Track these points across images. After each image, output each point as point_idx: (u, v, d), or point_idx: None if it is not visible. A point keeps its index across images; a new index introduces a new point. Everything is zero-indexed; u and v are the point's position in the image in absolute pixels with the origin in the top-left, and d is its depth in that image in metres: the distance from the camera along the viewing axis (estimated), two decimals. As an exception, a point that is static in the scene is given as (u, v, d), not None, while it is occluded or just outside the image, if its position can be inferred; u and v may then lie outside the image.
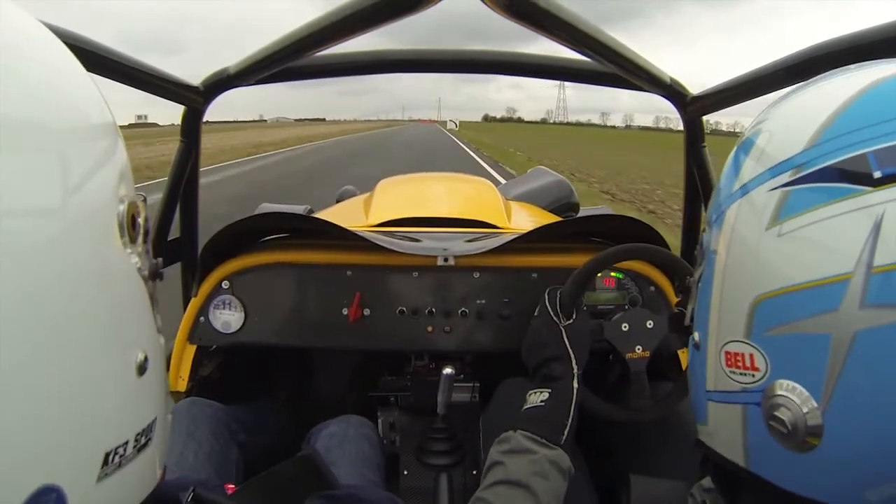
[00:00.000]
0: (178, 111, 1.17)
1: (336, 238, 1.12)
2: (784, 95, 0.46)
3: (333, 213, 1.69)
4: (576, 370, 0.83)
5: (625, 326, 0.93)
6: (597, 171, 12.36)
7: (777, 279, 0.38)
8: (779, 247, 0.38)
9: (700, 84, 1.10)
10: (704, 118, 1.17)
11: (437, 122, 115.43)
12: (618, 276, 1.11)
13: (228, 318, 1.09)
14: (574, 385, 0.82)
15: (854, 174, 0.36)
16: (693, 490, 0.54)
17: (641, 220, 1.06)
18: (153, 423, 0.40)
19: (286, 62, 0.98)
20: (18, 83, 0.31)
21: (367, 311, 1.10)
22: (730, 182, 0.44)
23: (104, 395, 0.35)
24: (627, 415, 0.91)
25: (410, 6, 0.72)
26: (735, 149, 0.46)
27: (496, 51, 1.25)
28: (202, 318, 1.10)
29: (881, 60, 0.42)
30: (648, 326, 0.93)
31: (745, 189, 0.42)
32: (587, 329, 0.90)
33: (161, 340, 0.43)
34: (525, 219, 1.61)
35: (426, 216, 1.40)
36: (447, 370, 1.04)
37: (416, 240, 1.16)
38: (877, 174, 0.35)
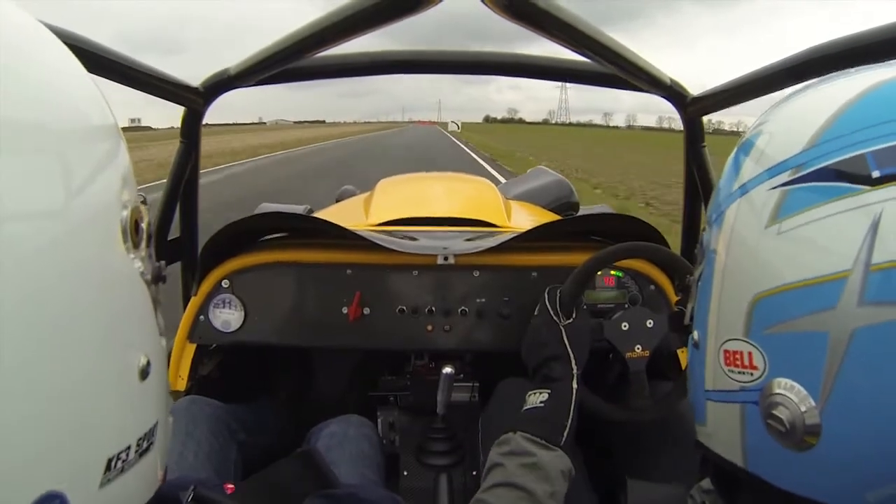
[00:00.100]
0: (174, 115, 1.17)
1: (336, 237, 1.12)
2: (785, 98, 0.46)
3: (333, 213, 1.69)
4: (575, 370, 0.83)
5: (625, 325, 0.93)
6: (651, 190, 9.94)
7: (776, 277, 0.38)
8: (777, 245, 0.38)
9: (700, 84, 1.10)
10: (706, 117, 1.17)
11: (438, 124, 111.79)
12: (618, 275, 1.11)
13: (228, 317, 1.10)
14: (574, 385, 0.81)
15: (853, 174, 0.36)
16: (692, 491, 0.54)
17: (641, 219, 1.06)
18: (155, 427, 0.40)
19: (286, 63, 0.98)
20: (19, 84, 0.31)
21: (367, 310, 1.10)
22: (730, 182, 0.44)
23: (106, 401, 0.35)
24: (627, 415, 0.91)
25: (410, 7, 0.72)
26: (735, 149, 0.46)
27: (496, 52, 1.25)
28: (202, 317, 1.10)
29: (881, 64, 0.42)
30: (648, 326, 0.93)
31: (745, 189, 0.42)
32: (587, 328, 0.90)
33: (163, 343, 0.43)
34: (525, 218, 1.61)
35: (426, 216, 1.40)
36: (447, 370, 1.04)
37: (416, 239, 1.16)
38: (875, 174, 0.35)
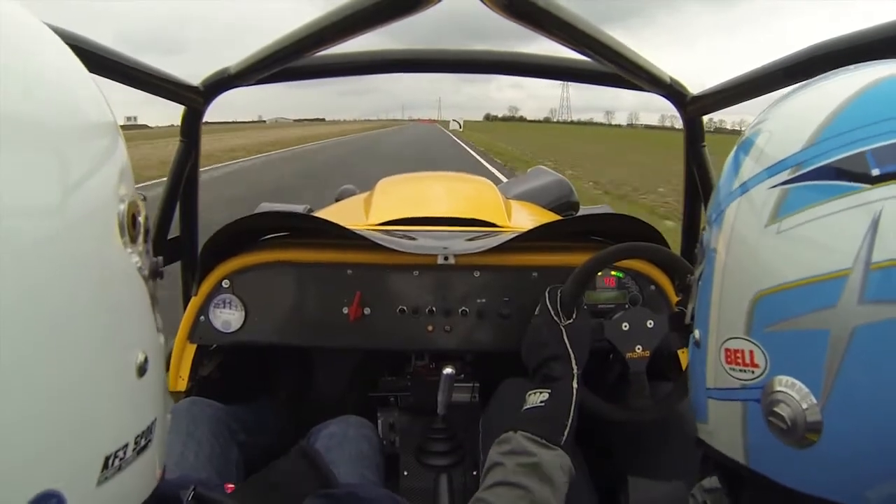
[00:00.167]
0: (171, 112, 1.17)
1: (336, 237, 1.12)
2: (784, 96, 0.46)
3: (333, 212, 1.69)
4: (576, 370, 0.83)
5: (625, 326, 0.93)
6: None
7: (776, 276, 0.38)
8: (778, 244, 0.38)
9: (700, 84, 1.11)
10: (710, 116, 1.17)
11: (438, 122, 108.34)
12: (618, 275, 1.11)
13: (228, 318, 1.09)
14: (574, 385, 0.81)
15: (853, 172, 0.36)
16: (694, 490, 0.54)
17: (641, 219, 1.06)
18: (153, 425, 0.40)
19: (286, 62, 0.98)
20: (18, 80, 0.31)
21: (368, 310, 1.10)
22: (730, 181, 0.44)
23: (104, 398, 0.35)
24: (627, 415, 0.91)
25: (410, 6, 0.71)
26: (735, 148, 0.46)
27: (496, 51, 1.25)
28: (202, 318, 1.10)
29: (880, 61, 0.42)
30: (649, 326, 0.93)
31: (745, 187, 0.42)
32: (587, 328, 0.90)
33: (161, 340, 0.42)
34: (525, 218, 1.61)
35: (426, 215, 1.40)
36: (447, 370, 1.04)
37: (416, 239, 1.16)
38: (875, 172, 0.35)
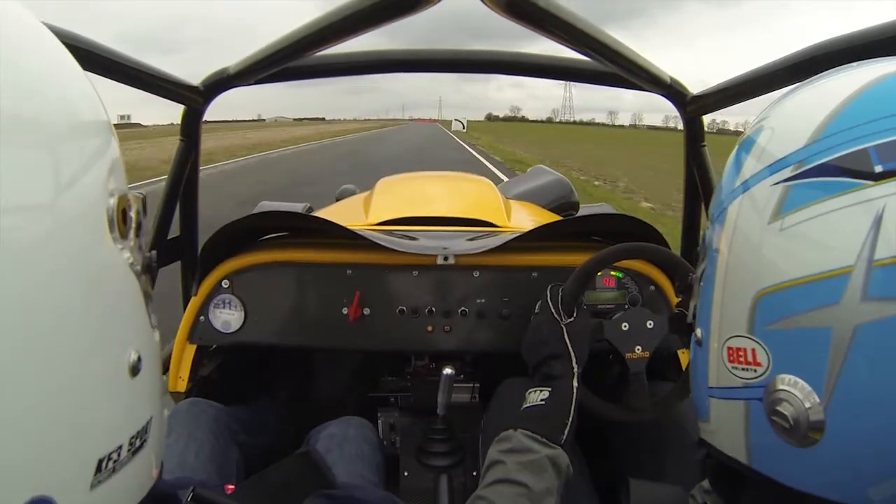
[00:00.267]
0: (166, 111, 1.17)
1: (336, 237, 1.12)
2: (786, 93, 0.46)
3: (333, 212, 1.69)
4: (576, 369, 0.83)
5: (625, 326, 0.93)
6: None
7: (779, 273, 0.38)
8: (780, 241, 0.38)
9: (701, 84, 1.11)
10: (713, 117, 1.17)
11: (439, 122, 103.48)
12: (618, 276, 1.11)
13: (228, 318, 1.09)
14: (574, 384, 0.81)
15: (855, 169, 0.36)
16: (694, 491, 0.54)
17: (641, 220, 1.06)
18: (148, 424, 0.39)
19: (286, 62, 0.98)
20: (11, 78, 0.31)
21: (367, 311, 1.09)
22: (732, 179, 0.44)
23: (96, 400, 0.34)
24: (626, 414, 0.91)
25: (410, 6, 0.71)
26: (737, 146, 0.46)
27: (496, 50, 1.25)
28: (202, 318, 1.09)
29: (882, 58, 0.42)
30: (648, 327, 0.93)
31: (747, 185, 0.42)
32: (588, 328, 0.90)
33: (156, 337, 0.41)
34: (525, 218, 1.61)
35: (426, 215, 1.40)
36: (447, 370, 1.03)
37: (416, 239, 1.16)
38: (878, 168, 0.35)
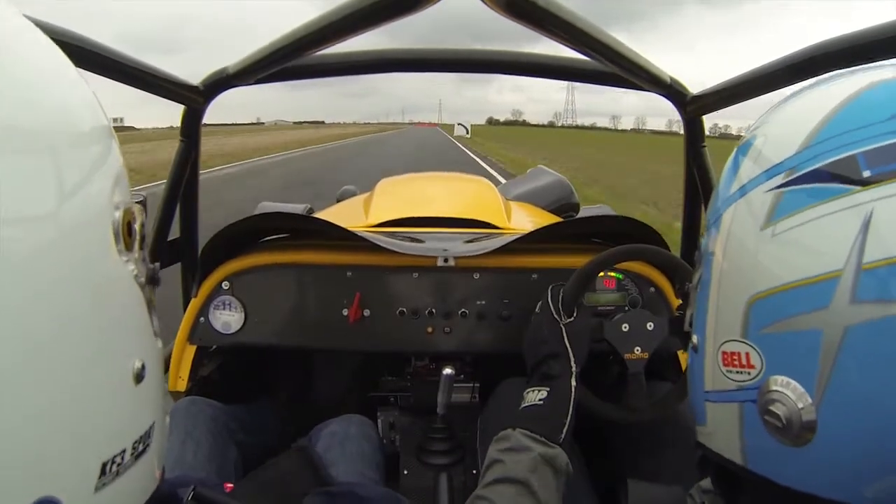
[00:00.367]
0: (160, 114, 1.17)
1: (336, 238, 1.12)
2: (782, 100, 0.47)
3: (333, 213, 1.69)
4: (574, 369, 0.83)
5: (624, 327, 0.93)
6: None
7: (771, 278, 0.39)
8: (772, 247, 0.39)
9: (702, 87, 1.10)
10: (715, 121, 1.17)
11: (440, 126, 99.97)
12: (618, 277, 1.11)
13: (228, 319, 1.09)
14: (572, 384, 0.81)
15: (844, 175, 0.37)
16: (692, 491, 0.54)
17: (641, 221, 1.06)
18: (151, 429, 0.39)
19: (286, 61, 0.98)
20: (9, 87, 0.31)
21: (368, 312, 1.10)
22: (727, 185, 0.45)
23: (101, 406, 0.34)
24: (624, 414, 0.91)
25: (410, 6, 0.71)
26: (733, 154, 0.47)
27: (496, 50, 1.24)
28: (202, 319, 1.10)
29: (877, 64, 0.43)
30: (648, 328, 0.93)
31: (742, 191, 0.43)
32: (587, 328, 0.90)
33: (159, 345, 0.42)
34: (525, 219, 1.61)
35: (426, 216, 1.40)
36: (447, 370, 1.04)
37: (416, 240, 1.16)
38: (866, 174, 0.36)
